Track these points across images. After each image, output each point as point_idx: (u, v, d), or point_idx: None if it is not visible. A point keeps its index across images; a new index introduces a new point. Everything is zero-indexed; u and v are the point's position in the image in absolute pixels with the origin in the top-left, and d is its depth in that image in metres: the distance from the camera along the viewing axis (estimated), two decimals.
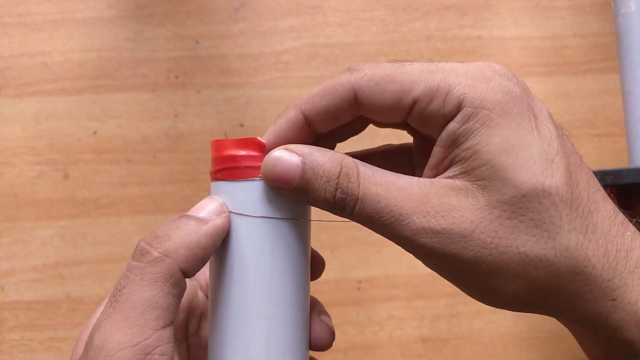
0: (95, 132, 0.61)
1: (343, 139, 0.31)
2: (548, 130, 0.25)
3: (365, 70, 0.26)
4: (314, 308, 0.31)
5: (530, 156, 0.24)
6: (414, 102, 0.25)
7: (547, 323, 0.64)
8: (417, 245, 0.25)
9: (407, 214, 0.24)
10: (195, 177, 0.61)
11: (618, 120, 0.63)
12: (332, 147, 0.30)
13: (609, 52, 0.65)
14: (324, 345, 0.30)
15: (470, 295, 0.26)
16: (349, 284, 0.61)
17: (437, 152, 0.26)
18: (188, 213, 0.27)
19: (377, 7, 0.64)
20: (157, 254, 0.25)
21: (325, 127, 0.28)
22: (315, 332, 0.30)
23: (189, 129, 0.62)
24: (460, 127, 0.25)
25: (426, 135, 0.28)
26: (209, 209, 0.27)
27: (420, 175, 0.27)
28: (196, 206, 0.28)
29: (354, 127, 0.30)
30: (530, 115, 0.25)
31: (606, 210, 0.25)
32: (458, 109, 0.25)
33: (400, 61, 0.27)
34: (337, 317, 0.61)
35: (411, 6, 0.64)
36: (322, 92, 0.27)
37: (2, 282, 0.59)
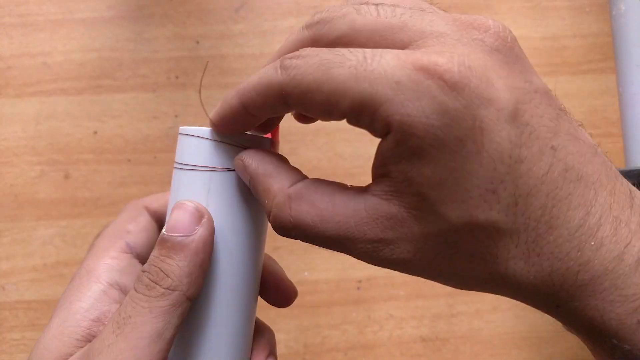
0: (95, 132, 0.61)
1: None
2: (498, 147, 0.22)
3: (294, 71, 0.24)
4: (264, 346, 0.32)
5: (465, 189, 0.22)
6: (343, 116, 0.23)
7: (547, 323, 0.64)
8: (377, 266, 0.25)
9: (354, 248, 0.24)
10: None
11: (618, 121, 0.63)
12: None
13: (609, 52, 0.65)
14: None
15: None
16: (349, 284, 0.61)
17: (378, 153, 0.24)
18: (167, 234, 0.27)
19: None
20: (163, 290, 0.26)
21: (269, 117, 0.27)
22: None
23: None
24: (390, 149, 0.23)
25: None
26: (187, 222, 0.27)
27: None
28: (170, 222, 0.27)
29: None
30: (475, 136, 0.22)
31: (569, 223, 0.23)
32: (388, 129, 0.22)
33: (338, 51, 0.23)
34: (337, 317, 0.61)
35: None
36: (257, 87, 0.26)
37: (3, 282, 0.60)
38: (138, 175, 0.61)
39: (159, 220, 0.33)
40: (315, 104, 0.23)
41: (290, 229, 0.25)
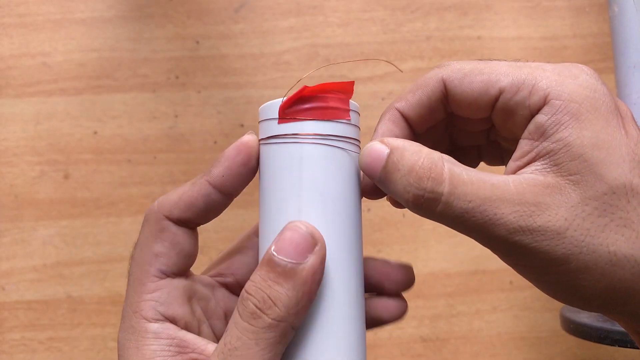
0: (95, 132, 0.61)
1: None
2: (635, 131, 0.25)
3: (453, 65, 0.27)
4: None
5: (620, 154, 0.24)
6: (500, 92, 0.26)
7: (547, 323, 0.64)
8: (511, 244, 0.25)
9: (503, 213, 0.24)
10: (195, 177, 0.61)
11: None
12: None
13: (609, 52, 0.65)
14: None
15: (547, 293, 0.27)
16: None
17: (523, 144, 0.26)
18: (276, 255, 0.26)
19: (377, 7, 0.64)
20: (270, 320, 0.25)
21: (421, 122, 0.29)
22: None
23: (189, 129, 0.62)
24: (549, 118, 0.25)
25: (507, 133, 0.28)
26: (300, 248, 0.26)
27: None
28: (280, 242, 0.26)
29: (445, 134, 0.31)
30: (617, 115, 0.25)
31: None
32: (544, 101, 0.25)
33: (485, 59, 0.28)
34: None
35: (411, 6, 0.64)
36: (413, 88, 0.28)
37: (3, 282, 0.60)
38: (138, 175, 0.61)
39: (184, 224, 0.31)
40: (475, 82, 0.26)
41: (441, 182, 0.25)
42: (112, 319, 0.60)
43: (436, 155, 0.26)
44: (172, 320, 0.28)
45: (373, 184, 0.28)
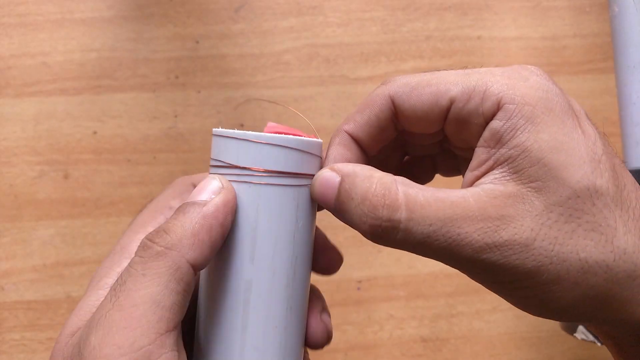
0: (95, 132, 0.61)
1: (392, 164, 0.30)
2: (591, 129, 0.25)
3: (399, 79, 0.27)
4: (316, 303, 0.30)
5: (580, 155, 0.23)
6: (451, 102, 0.25)
7: (547, 323, 0.64)
8: (479, 262, 0.23)
9: (467, 232, 0.23)
10: None
11: (618, 120, 0.63)
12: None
13: (609, 52, 0.65)
14: (318, 345, 0.29)
15: (520, 308, 0.25)
16: (349, 284, 0.61)
17: (479, 152, 0.25)
18: (187, 200, 0.26)
19: (377, 7, 0.64)
20: (159, 248, 0.24)
21: (372, 142, 0.28)
22: (312, 330, 0.29)
23: (189, 129, 0.62)
24: (504, 124, 0.24)
25: (462, 143, 0.27)
26: (208, 189, 0.25)
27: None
28: (194, 191, 0.26)
29: (397, 151, 0.30)
30: (572, 114, 0.24)
31: None
32: (497, 106, 0.24)
33: (432, 71, 0.27)
34: (337, 317, 0.61)
35: (411, 6, 0.64)
36: (360, 108, 0.27)
37: (2, 282, 0.60)
38: (138, 175, 0.61)
39: None
40: (424, 95, 0.25)
41: (397, 209, 0.23)
42: None
43: (389, 179, 0.24)
44: None
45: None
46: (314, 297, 0.30)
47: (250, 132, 0.26)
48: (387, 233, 0.24)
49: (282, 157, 0.26)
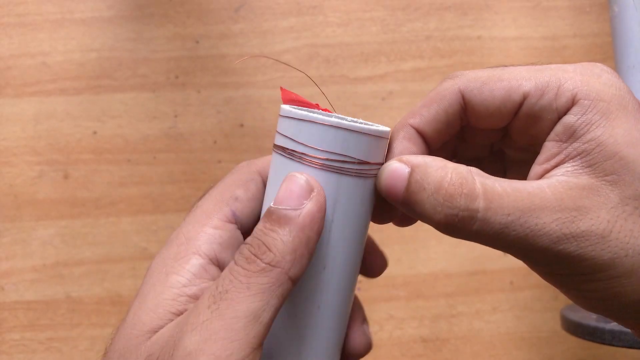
0: (95, 132, 0.61)
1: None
2: None
3: (468, 74, 0.26)
4: (357, 313, 0.29)
5: None
6: (524, 97, 0.25)
7: (547, 323, 0.64)
8: (555, 253, 0.23)
9: (545, 222, 0.23)
10: (195, 177, 0.61)
11: None
12: None
13: (609, 52, 0.65)
14: (359, 355, 0.29)
15: (583, 304, 0.25)
16: None
17: (550, 146, 0.25)
18: (275, 206, 0.24)
19: (377, 7, 0.64)
20: (264, 264, 0.23)
21: (438, 137, 0.27)
22: (354, 340, 0.29)
23: (189, 129, 0.62)
24: (578, 119, 0.24)
25: (527, 139, 0.27)
26: (297, 193, 0.24)
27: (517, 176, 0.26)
28: (279, 194, 0.24)
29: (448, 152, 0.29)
30: None
31: None
32: (572, 102, 0.24)
33: (501, 66, 0.27)
34: None
35: (411, 6, 0.64)
36: (427, 102, 0.27)
37: (2, 282, 0.59)
38: (138, 175, 0.61)
39: None
40: (496, 90, 0.25)
41: (475, 198, 0.23)
42: (111, 319, 0.60)
43: (463, 168, 0.24)
44: (219, 265, 0.27)
45: (380, 208, 0.27)
46: (356, 307, 0.30)
47: (333, 117, 0.25)
48: (463, 223, 0.24)
49: (364, 145, 0.25)
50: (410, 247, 0.62)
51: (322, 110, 0.28)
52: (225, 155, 0.62)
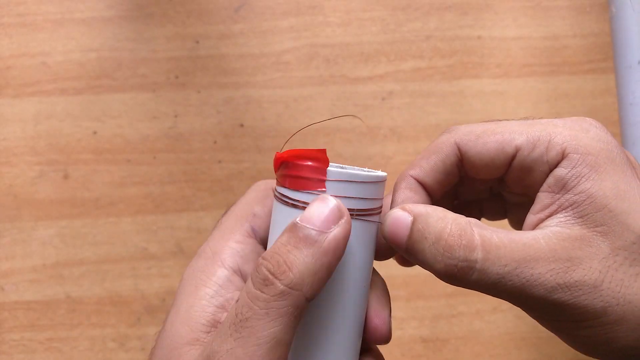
0: (95, 132, 0.61)
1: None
2: None
3: (462, 128, 0.28)
4: (382, 299, 0.31)
5: (639, 202, 0.25)
6: (517, 150, 0.27)
7: None
8: (550, 302, 0.25)
9: (539, 273, 0.24)
10: (195, 177, 0.61)
11: (618, 121, 0.63)
12: None
13: (609, 52, 0.65)
14: (379, 341, 0.31)
15: (580, 349, 0.27)
16: None
17: (543, 197, 0.26)
18: (301, 223, 0.25)
19: (377, 7, 0.64)
20: (282, 287, 0.24)
21: (438, 187, 0.29)
22: (374, 326, 0.31)
23: (189, 129, 0.62)
24: (569, 171, 0.25)
25: (521, 189, 0.28)
26: (327, 217, 0.25)
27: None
28: (308, 212, 0.25)
29: (449, 196, 0.31)
30: (630, 165, 0.26)
31: None
32: (562, 155, 0.26)
33: (494, 120, 0.28)
34: None
35: (411, 6, 0.64)
36: (425, 154, 0.29)
37: (2, 282, 0.59)
38: (138, 175, 0.61)
39: None
40: (489, 143, 0.27)
41: (474, 249, 0.25)
42: (111, 319, 0.60)
43: (463, 220, 0.26)
44: (242, 276, 0.29)
45: (383, 247, 0.29)
46: (382, 293, 0.31)
47: (348, 171, 0.27)
48: (462, 273, 0.25)
49: (372, 192, 0.27)
50: None
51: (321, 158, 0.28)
52: (225, 155, 0.62)
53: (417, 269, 0.31)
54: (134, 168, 0.61)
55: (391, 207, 0.28)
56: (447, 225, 0.25)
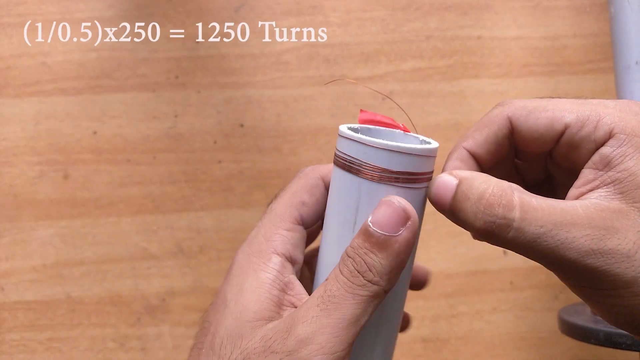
0: (95, 132, 0.61)
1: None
2: None
3: (516, 102, 0.29)
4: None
5: None
6: (566, 128, 0.28)
7: (547, 323, 0.64)
8: (582, 266, 0.26)
9: (574, 236, 0.26)
10: (195, 177, 0.61)
11: None
12: None
13: (609, 52, 0.64)
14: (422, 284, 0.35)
15: (607, 317, 0.28)
16: None
17: (587, 173, 0.27)
18: (372, 227, 0.28)
19: (377, 7, 0.64)
20: (365, 281, 0.27)
21: (489, 158, 0.31)
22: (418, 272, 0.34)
23: (189, 129, 0.62)
24: (614, 150, 0.27)
25: (568, 164, 0.29)
26: (396, 217, 0.28)
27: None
28: (377, 216, 0.28)
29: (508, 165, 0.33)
30: None
31: None
32: (609, 135, 0.27)
33: (546, 97, 0.30)
34: None
35: (411, 6, 0.64)
36: (479, 126, 0.30)
37: (2, 282, 0.59)
38: (138, 175, 0.61)
39: None
40: (540, 119, 0.28)
41: (512, 208, 0.26)
42: (111, 319, 0.60)
43: (505, 183, 0.27)
44: (292, 262, 0.32)
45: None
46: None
47: (397, 144, 0.28)
48: (500, 230, 0.26)
49: (420, 162, 0.29)
50: None
51: (401, 128, 0.31)
52: (225, 155, 0.62)
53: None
54: (134, 168, 0.61)
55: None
56: (489, 187, 0.27)
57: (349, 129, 0.30)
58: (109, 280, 0.60)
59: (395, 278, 0.28)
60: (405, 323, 0.36)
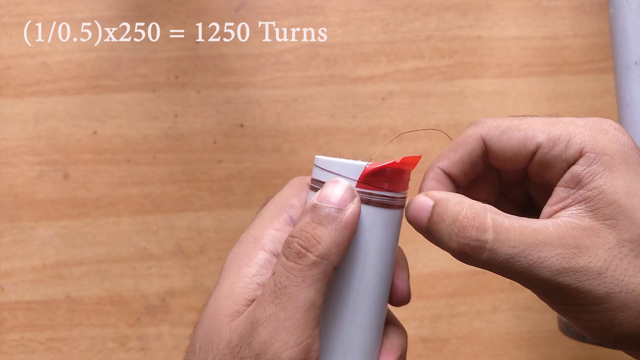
0: (95, 132, 0.61)
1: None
2: None
3: (489, 122, 0.30)
4: (402, 265, 0.35)
5: None
6: (538, 147, 0.29)
7: (547, 323, 0.63)
8: (555, 284, 0.26)
9: (546, 256, 0.26)
10: (195, 177, 0.61)
11: (618, 121, 0.63)
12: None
13: (609, 52, 0.65)
14: (401, 301, 0.35)
15: (584, 331, 0.28)
16: None
17: (559, 191, 0.28)
18: (320, 203, 0.29)
19: (377, 7, 0.64)
20: (314, 258, 0.28)
21: (464, 177, 0.31)
22: (396, 288, 0.34)
23: (189, 129, 0.62)
24: (584, 169, 0.27)
25: (540, 182, 0.30)
26: (341, 196, 0.29)
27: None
28: (324, 193, 0.29)
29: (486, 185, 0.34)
30: None
31: None
32: (579, 154, 0.28)
33: (519, 116, 0.30)
34: None
35: (411, 6, 0.64)
36: (453, 146, 0.31)
37: (2, 282, 0.59)
38: (138, 175, 0.61)
39: None
40: (513, 139, 0.29)
41: (485, 230, 0.27)
42: (111, 319, 0.60)
43: (478, 205, 0.28)
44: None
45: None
46: (402, 261, 0.35)
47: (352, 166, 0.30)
48: (474, 252, 0.27)
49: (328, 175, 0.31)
50: (410, 247, 0.62)
51: (395, 163, 0.32)
52: (225, 155, 0.62)
53: (416, 269, 0.31)
54: (134, 168, 0.61)
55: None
56: (463, 209, 0.28)
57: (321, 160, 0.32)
58: (109, 280, 0.60)
59: (343, 252, 0.28)
60: (401, 295, 0.36)
